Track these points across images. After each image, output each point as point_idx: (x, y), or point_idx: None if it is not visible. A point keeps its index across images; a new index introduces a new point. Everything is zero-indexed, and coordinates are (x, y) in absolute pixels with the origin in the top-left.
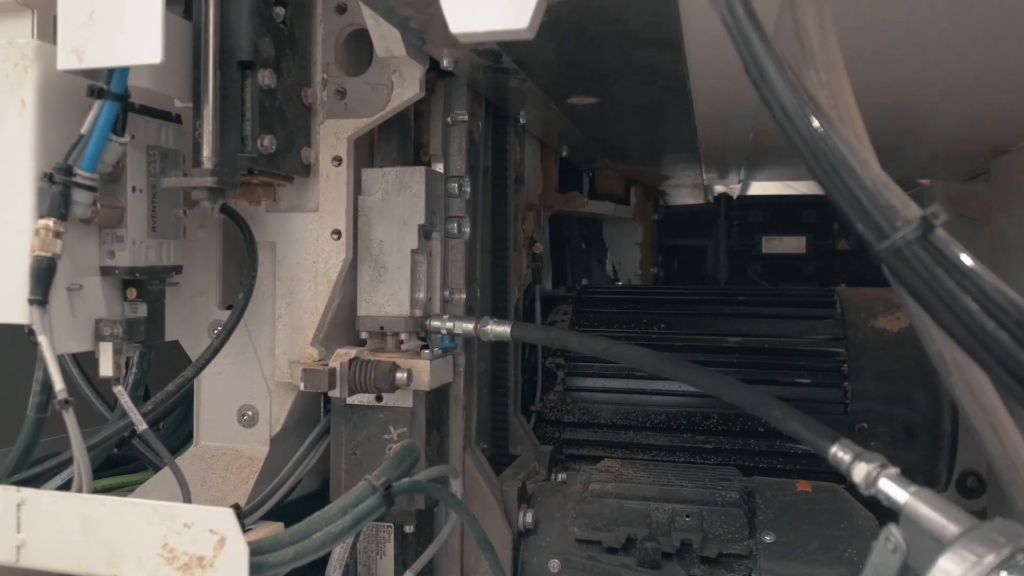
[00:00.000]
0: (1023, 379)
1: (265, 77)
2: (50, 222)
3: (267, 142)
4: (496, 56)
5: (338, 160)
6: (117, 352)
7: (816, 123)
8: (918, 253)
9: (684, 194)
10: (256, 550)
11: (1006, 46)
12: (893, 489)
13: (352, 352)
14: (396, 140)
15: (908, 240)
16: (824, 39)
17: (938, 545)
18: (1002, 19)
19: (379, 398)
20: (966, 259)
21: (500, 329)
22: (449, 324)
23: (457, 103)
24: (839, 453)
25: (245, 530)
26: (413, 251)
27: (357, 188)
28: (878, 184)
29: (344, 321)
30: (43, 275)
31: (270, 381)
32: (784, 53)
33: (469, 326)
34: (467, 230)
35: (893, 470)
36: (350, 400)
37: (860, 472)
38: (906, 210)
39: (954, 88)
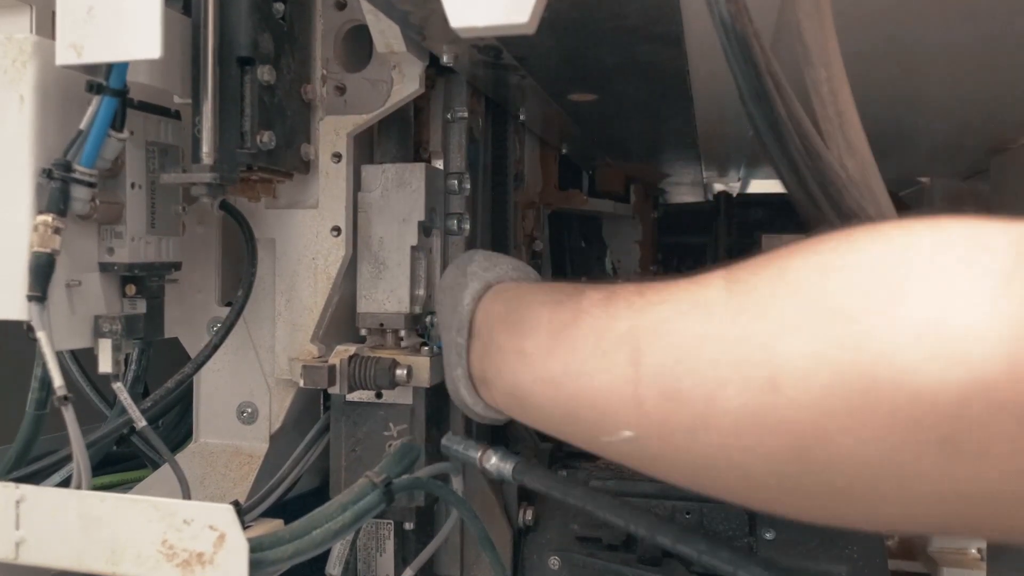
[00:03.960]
0: None
1: (264, 73)
2: (49, 218)
3: (266, 138)
4: (496, 52)
5: (338, 156)
6: (116, 348)
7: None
8: None
9: (683, 192)
10: (256, 546)
11: (1005, 43)
12: None
13: (352, 349)
14: (396, 137)
15: None
16: (824, 38)
17: None
18: (1002, 16)
19: (379, 395)
20: None
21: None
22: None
23: (457, 100)
24: None
25: (245, 527)
26: (413, 248)
27: (357, 185)
28: (848, 210)
29: (344, 318)
30: (42, 271)
31: (269, 378)
32: (784, 51)
33: (474, 455)
34: (467, 227)
35: None
36: (350, 397)
37: None
38: None
39: (953, 86)
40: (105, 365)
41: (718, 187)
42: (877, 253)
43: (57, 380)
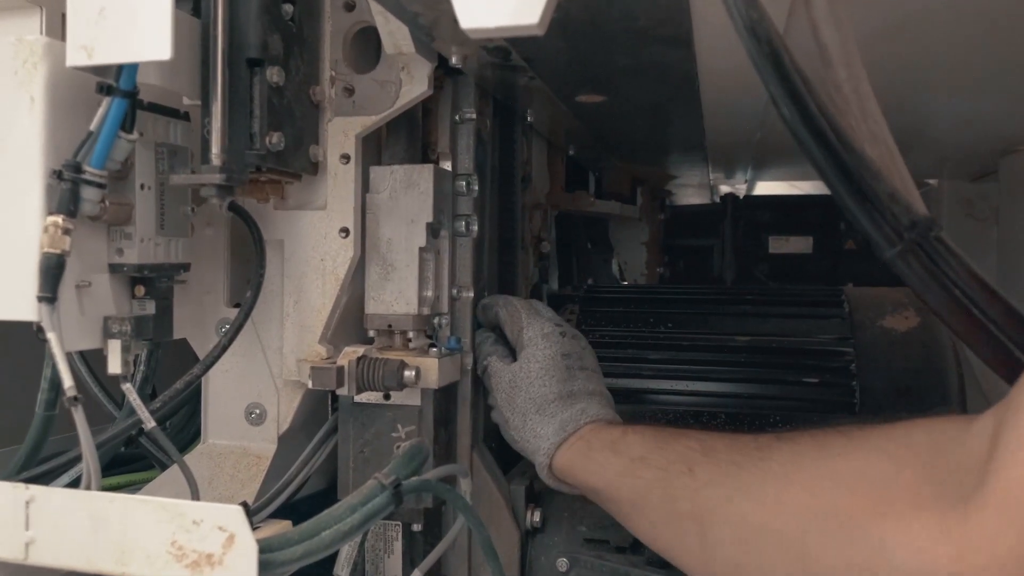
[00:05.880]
0: (1003, 358)
1: (274, 74)
2: (59, 219)
3: (275, 139)
4: (505, 53)
5: (346, 158)
6: (126, 349)
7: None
8: (920, 258)
9: (690, 194)
10: (265, 547)
11: (1016, 44)
12: None
13: (360, 350)
14: (404, 138)
15: (909, 248)
16: (841, 37)
17: None
18: (1011, 16)
19: (387, 396)
20: (958, 261)
21: None
22: None
23: (465, 101)
24: None
25: (253, 528)
26: (421, 249)
27: (365, 186)
28: (886, 197)
29: (352, 319)
30: (52, 272)
31: (278, 379)
32: (799, 52)
33: None
34: (475, 228)
35: None
36: (358, 398)
37: None
38: (910, 216)
39: (962, 88)
40: (114, 366)
41: (725, 189)
42: None
43: (67, 381)
